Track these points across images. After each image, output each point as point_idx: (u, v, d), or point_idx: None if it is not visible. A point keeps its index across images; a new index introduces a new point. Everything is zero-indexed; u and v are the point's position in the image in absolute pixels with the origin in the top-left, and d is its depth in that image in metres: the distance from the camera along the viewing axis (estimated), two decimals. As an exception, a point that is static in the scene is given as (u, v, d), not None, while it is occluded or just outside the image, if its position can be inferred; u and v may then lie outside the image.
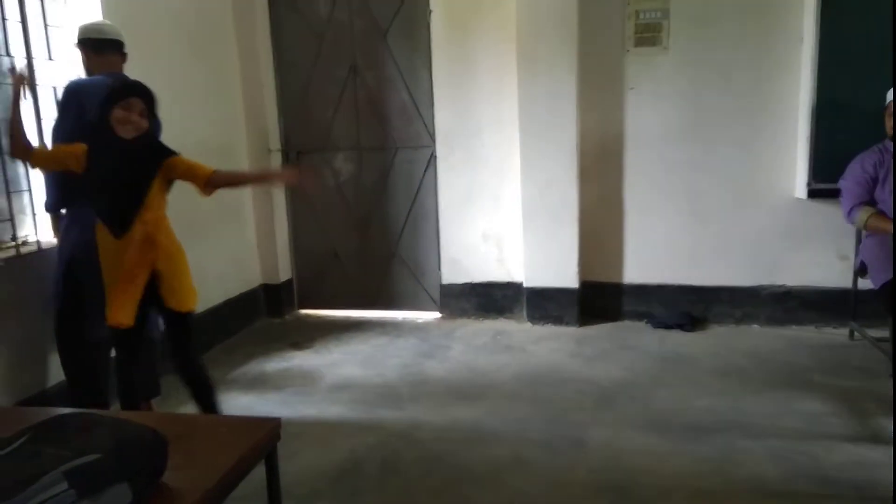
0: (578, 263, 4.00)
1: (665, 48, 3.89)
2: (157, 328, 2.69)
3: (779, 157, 3.84)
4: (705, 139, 3.91)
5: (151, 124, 2.39)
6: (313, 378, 3.45)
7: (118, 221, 2.32)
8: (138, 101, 2.31)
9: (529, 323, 4.15)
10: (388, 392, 3.23)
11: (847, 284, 3.66)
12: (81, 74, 2.78)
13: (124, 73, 2.75)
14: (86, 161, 2.32)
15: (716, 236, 3.99)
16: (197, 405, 2.51)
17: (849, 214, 3.09)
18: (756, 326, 3.97)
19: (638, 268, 4.13)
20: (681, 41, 3.86)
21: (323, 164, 4.47)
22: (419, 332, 4.12)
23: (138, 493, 1.19)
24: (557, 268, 4.02)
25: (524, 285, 4.15)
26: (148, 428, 1.29)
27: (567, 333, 3.96)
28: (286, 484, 1.73)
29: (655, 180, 4.02)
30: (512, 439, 2.70)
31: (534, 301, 4.12)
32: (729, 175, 3.92)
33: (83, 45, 2.70)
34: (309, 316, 4.59)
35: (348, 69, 4.31)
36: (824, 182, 3.62)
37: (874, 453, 2.47)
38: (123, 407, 2.45)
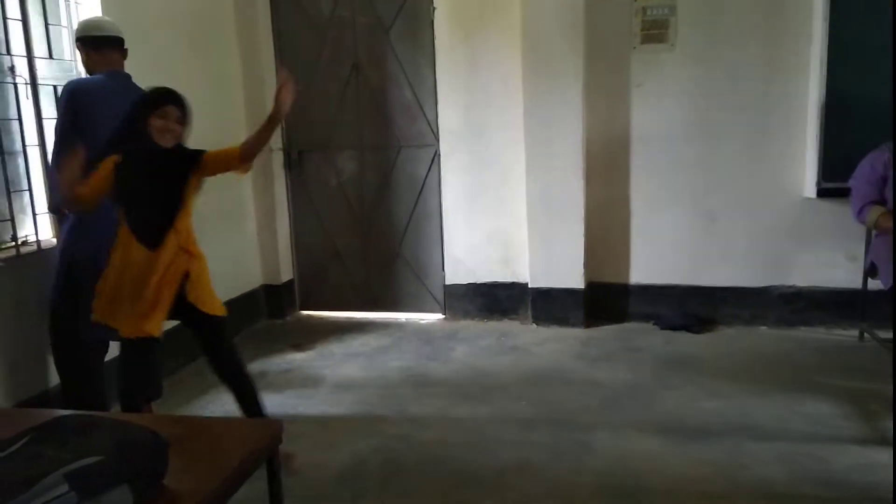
0: (584, 264, 3.96)
1: (672, 45, 3.85)
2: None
3: (787, 156, 3.80)
4: (712, 137, 3.88)
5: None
6: (315, 379, 3.42)
7: (156, 234, 2.25)
8: (174, 109, 2.26)
9: (534, 324, 4.11)
10: (391, 394, 3.20)
11: (857, 285, 3.62)
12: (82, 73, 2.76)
13: (125, 71, 2.73)
14: (114, 175, 2.24)
15: (723, 236, 3.95)
16: (240, 408, 2.43)
17: (859, 214, 3.06)
18: (764, 328, 3.93)
19: (645, 268, 4.09)
20: (688, 38, 3.82)
21: (325, 163, 4.44)
22: (422, 334, 4.08)
23: (139, 496, 1.18)
24: (563, 268, 3.98)
25: (529, 286, 4.11)
26: (149, 430, 1.28)
27: (573, 335, 3.93)
28: (288, 486, 1.71)
29: (662, 179, 3.98)
30: (516, 442, 2.67)
31: (539, 302, 4.08)
32: (737, 174, 3.88)
33: (82, 43, 2.67)
34: (310, 317, 4.55)
35: (351, 67, 4.28)
36: (833, 181, 3.59)
37: (882, 456, 2.44)
38: (124, 409, 2.41)
